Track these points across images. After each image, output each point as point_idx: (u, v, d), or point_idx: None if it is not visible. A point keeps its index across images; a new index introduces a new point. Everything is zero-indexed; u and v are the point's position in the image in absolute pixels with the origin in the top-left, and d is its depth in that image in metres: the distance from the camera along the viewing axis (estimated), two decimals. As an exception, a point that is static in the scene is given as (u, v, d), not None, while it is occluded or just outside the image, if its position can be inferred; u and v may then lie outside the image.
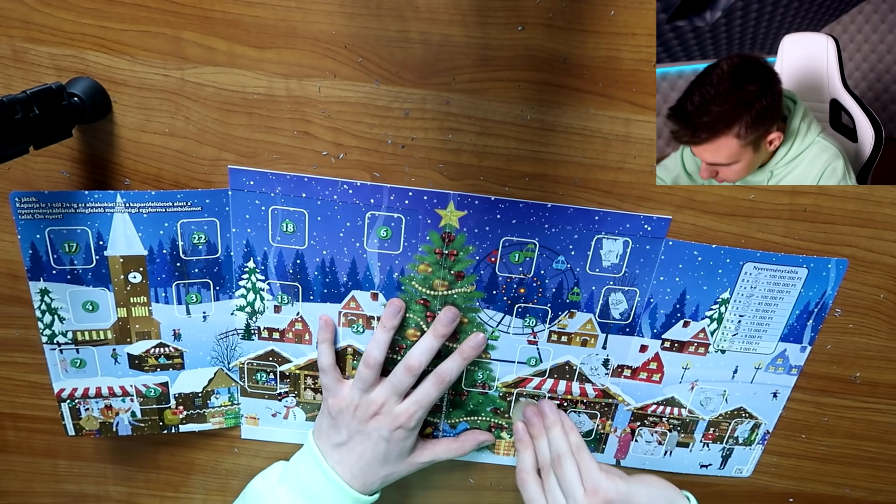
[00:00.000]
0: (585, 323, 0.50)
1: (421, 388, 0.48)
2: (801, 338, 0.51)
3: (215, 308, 0.50)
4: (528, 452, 0.51)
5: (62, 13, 0.41)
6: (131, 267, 0.47)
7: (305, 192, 0.46)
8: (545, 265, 0.48)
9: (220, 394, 0.54)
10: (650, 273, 0.48)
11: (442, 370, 0.48)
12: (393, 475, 0.50)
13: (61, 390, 0.51)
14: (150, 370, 0.52)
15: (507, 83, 0.42)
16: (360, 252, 0.48)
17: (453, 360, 0.49)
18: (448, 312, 0.48)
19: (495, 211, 0.46)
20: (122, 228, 0.46)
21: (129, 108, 0.44)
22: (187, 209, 0.46)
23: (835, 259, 0.48)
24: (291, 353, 0.52)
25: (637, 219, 0.46)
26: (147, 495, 0.61)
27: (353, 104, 0.43)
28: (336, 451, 0.49)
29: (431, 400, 0.48)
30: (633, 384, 0.53)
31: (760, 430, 0.55)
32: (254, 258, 0.48)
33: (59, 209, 0.45)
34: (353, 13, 0.40)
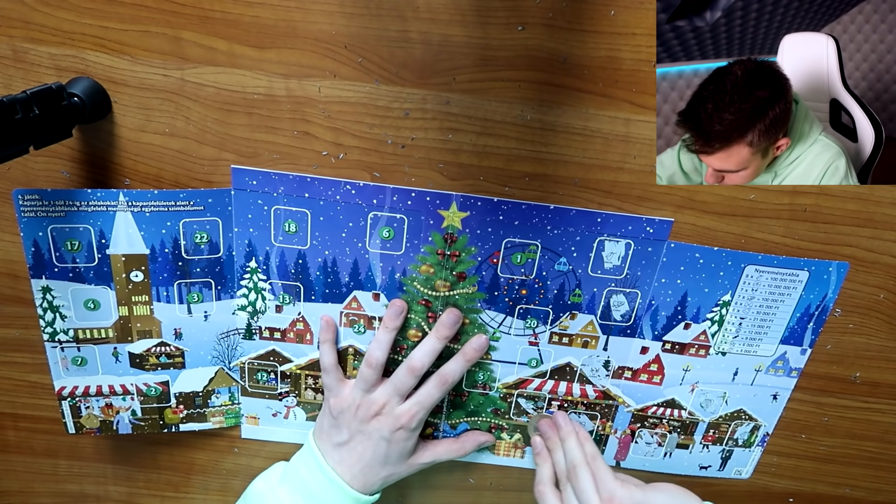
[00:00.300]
0: (587, 324, 0.50)
1: (423, 390, 0.48)
2: (802, 340, 0.51)
3: (217, 307, 0.50)
4: (546, 465, 0.51)
5: (62, 13, 0.41)
6: (133, 266, 0.47)
7: (308, 192, 0.46)
8: (547, 267, 0.48)
9: (220, 393, 0.54)
10: (652, 275, 0.48)
11: (444, 372, 0.48)
12: (393, 476, 0.50)
13: (62, 388, 0.51)
14: (150, 369, 0.52)
15: (507, 83, 0.42)
16: (363, 252, 0.48)
17: (456, 362, 0.49)
18: (451, 315, 0.48)
19: (498, 212, 0.46)
20: (124, 227, 0.46)
21: (129, 108, 0.44)
22: (190, 208, 0.46)
23: (836, 262, 0.48)
24: (292, 352, 0.52)
25: (639, 221, 0.46)
26: (147, 495, 0.61)
27: (353, 104, 0.43)
28: (337, 450, 0.49)
29: (433, 401, 0.48)
30: (634, 386, 0.53)
31: (760, 433, 0.55)
32: (256, 258, 0.48)
33: (61, 207, 0.45)
34: (353, 13, 0.40)
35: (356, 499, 0.48)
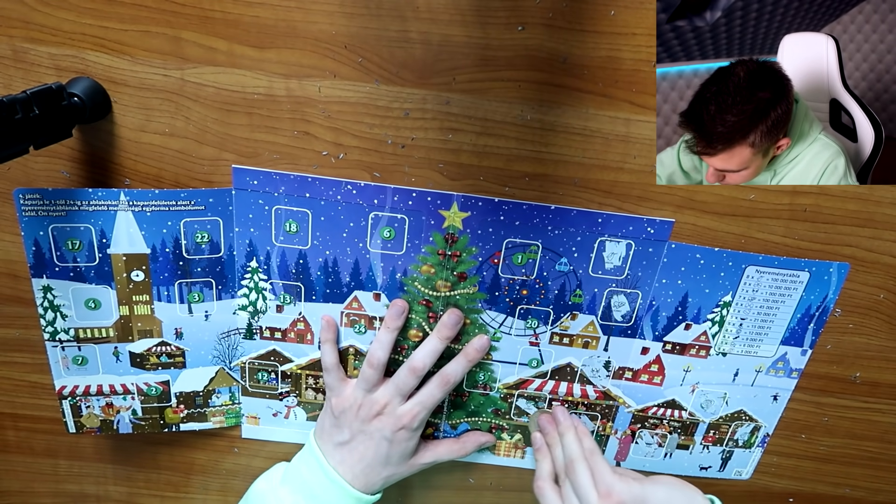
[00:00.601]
0: (587, 325, 0.50)
1: (425, 390, 0.48)
2: (802, 341, 0.51)
3: (217, 307, 0.50)
4: (546, 461, 0.51)
5: (62, 13, 0.41)
6: (134, 265, 0.47)
7: (309, 192, 0.46)
8: (548, 267, 0.48)
9: (221, 393, 0.54)
10: (652, 276, 0.48)
11: (446, 372, 0.48)
12: (395, 476, 0.50)
13: (62, 387, 0.51)
14: (151, 368, 0.52)
15: (507, 83, 0.42)
16: (363, 252, 0.48)
17: (458, 363, 0.49)
18: (452, 315, 0.48)
19: (498, 212, 0.46)
20: (125, 227, 0.46)
21: (129, 108, 0.44)
22: (191, 208, 0.46)
23: (836, 263, 0.48)
24: (293, 352, 0.52)
25: (640, 221, 0.46)
26: (147, 495, 0.61)
27: (353, 104, 0.43)
28: (338, 450, 0.49)
29: (435, 401, 0.48)
30: (634, 386, 0.53)
31: (760, 433, 0.55)
32: (256, 258, 0.48)
33: (62, 206, 0.45)
34: (353, 13, 0.40)
35: (358, 498, 0.48)
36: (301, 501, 0.48)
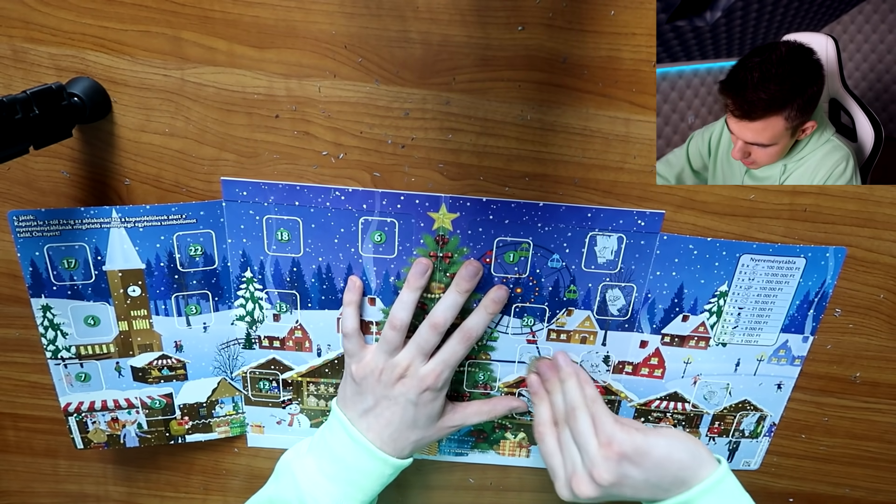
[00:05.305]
0: (584, 320, 0.50)
1: (447, 347, 0.47)
2: (803, 328, 0.51)
3: (215, 318, 0.50)
4: (545, 405, 0.49)
5: (62, 13, 0.41)
6: (130, 281, 0.48)
7: (298, 200, 0.46)
8: (540, 264, 0.48)
9: (224, 403, 0.54)
10: (646, 268, 0.48)
11: (467, 326, 0.47)
12: (424, 439, 0.49)
13: (68, 404, 0.51)
14: (153, 382, 0.52)
15: (507, 83, 0.42)
16: (356, 257, 0.48)
17: (478, 315, 0.48)
18: (470, 266, 0.47)
19: (487, 212, 0.46)
20: (119, 243, 0.46)
21: (129, 108, 0.44)
22: (182, 222, 0.46)
23: (833, 248, 0.47)
24: (293, 360, 0.52)
25: (630, 214, 0.46)
26: (147, 495, 0.61)
27: (353, 104, 0.43)
28: (364, 418, 0.48)
29: (458, 358, 0.47)
30: (636, 380, 0.53)
31: (766, 423, 0.55)
32: (251, 268, 0.48)
33: (56, 226, 0.45)
34: (353, 13, 0.40)
35: (390, 463, 0.47)
36: (329, 468, 0.47)
